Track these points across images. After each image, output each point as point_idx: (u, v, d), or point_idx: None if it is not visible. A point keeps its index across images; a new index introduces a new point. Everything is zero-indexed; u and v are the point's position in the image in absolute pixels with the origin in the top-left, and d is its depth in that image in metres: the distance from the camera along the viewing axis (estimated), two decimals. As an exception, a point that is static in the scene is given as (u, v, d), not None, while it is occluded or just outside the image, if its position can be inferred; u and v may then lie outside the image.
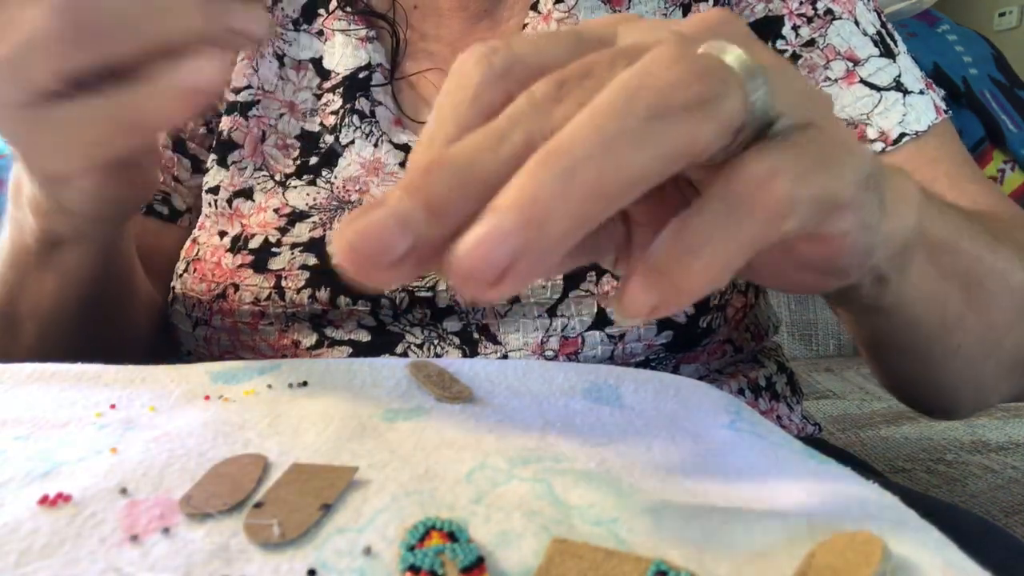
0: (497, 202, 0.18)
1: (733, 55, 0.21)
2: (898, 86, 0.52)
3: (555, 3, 0.54)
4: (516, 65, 0.22)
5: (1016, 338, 0.43)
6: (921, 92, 0.52)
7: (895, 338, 0.40)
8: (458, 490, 0.25)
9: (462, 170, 0.20)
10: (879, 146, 0.50)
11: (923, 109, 0.51)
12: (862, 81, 0.51)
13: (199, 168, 0.59)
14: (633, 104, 0.19)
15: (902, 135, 0.50)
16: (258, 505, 0.24)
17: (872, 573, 0.20)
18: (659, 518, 0.23)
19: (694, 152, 0.20)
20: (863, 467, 0.50)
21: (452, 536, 0.22)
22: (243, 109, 0.56)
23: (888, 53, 0.53)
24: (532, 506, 0.24)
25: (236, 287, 0.49)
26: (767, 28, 0.52)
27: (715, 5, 0.53)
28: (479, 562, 0.21)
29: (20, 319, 0.47)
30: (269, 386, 0.35)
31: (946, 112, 0.53)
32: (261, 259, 0.49)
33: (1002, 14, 2.22)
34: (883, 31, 0.54)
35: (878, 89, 0.51)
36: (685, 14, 0.53)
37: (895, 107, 0.51)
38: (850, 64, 0.52)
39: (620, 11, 0.54)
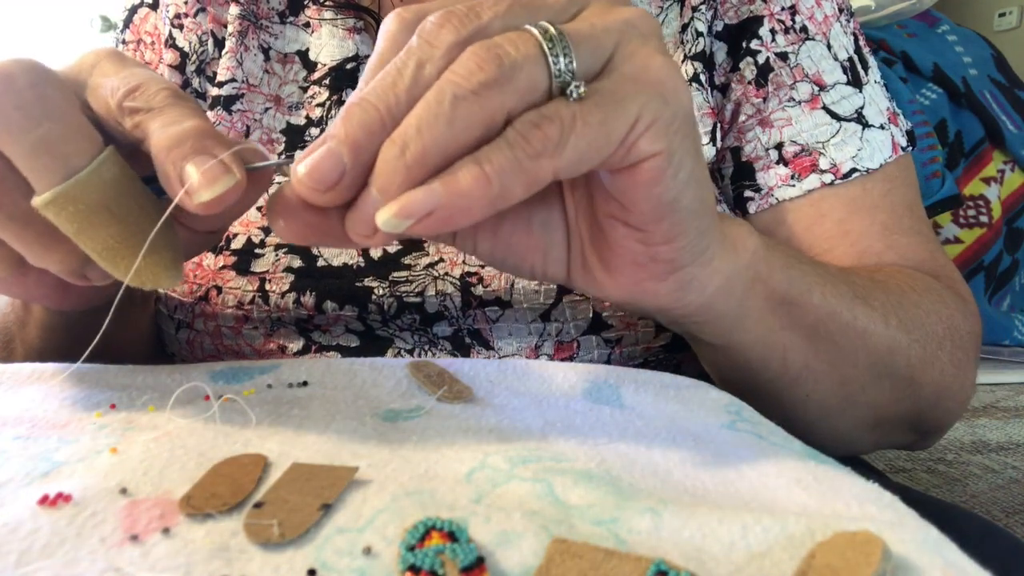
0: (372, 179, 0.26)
1: (540, 29, 0.26)
2: (859, 118, 0.51)
3: None
4: (423, 15, 0.27)
5: (872, 397, 0.43)
6: (882, 127, 0.52)
7: (738, 376, 0.41)
8: (458, 490, 0.25)
9: (370, 111, 0.26)
10: (829, 178, 0.50)
11: (879, 145, 0.51)
12: (824, 108, 0.51)
13: None
14: (441, 94, 0.25)
15: (853, 170, 0.50)
16: (258, 505, 0.23)
17: (872, 573, 0.20)
18: (659, 518, 0.23)
19: (495, 120, 0.26)
20: (863, 467, 0.50)
21: (452, 536, 0.22)
22: (226, 103, 0.54)
23: (855, 82, 0.52)
24: (532, 506, 0.24)
25: (219, 289, 0.48)
26: (748, 28, 0.52)
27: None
28: (479, 562, 0.21)
29: (15, 350, 0.48)
30: (269, 386, 0.35)
31: (904, 149, 0.52)
32: (244, 260, 0.48)
33: (1002, 14, 2.21)
34: (855, 57, 0.53)
35: (839, 119, 0.51)
36: (682, 7, 0.52)
37: (852, 140, 0.50)
38: (816, 88, 0.51)
39: None
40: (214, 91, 0.55)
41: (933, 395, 0.45)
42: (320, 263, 0.47)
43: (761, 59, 0.51)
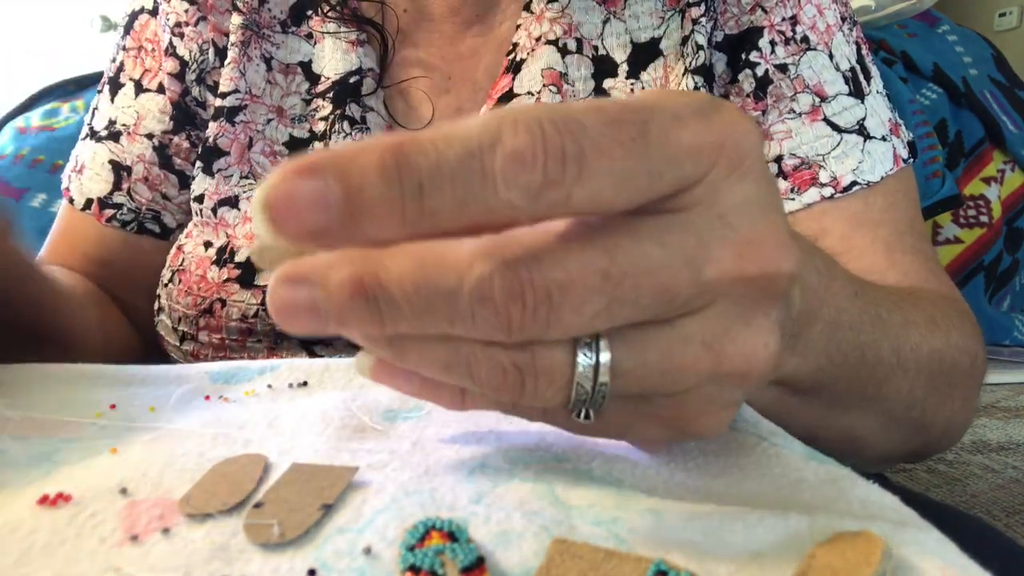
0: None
1: (586, 382, 0.22)
2: (860, 129, 0.51)
3: (548, 2, 0.54)
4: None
5: (882, 447, 0.41)
6: (884, 138, 0.51)
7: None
8: (458, 490, 0.25)
9: (375, 319, 0.20)
10: (829, 191, 0.50)
11: (880, 157, 0.50)
12: (825, 119, 0.51)
13: (186, 184, 0.58)
14: (455, 378, 0.22)
15: (853, 183, 0.49)
16: (258, 505, 0.23)
17: (872, 573, 0.20)
18: (659, 518, 0.23)
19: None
20: (863, 467, 0.50)
21: (452, 536, 0.22)
22: (229, 115, 0.54)
23: (857, 92, 0.52)
24: (532, 506, 0.24)
25: (223, 302, 0.48)
26: (747, 39, 0.52)
27: (705, 9, 0.52)
28: (479, 562, 0.21)
29: None
30: (269, 386, 0.35)
31: (906, 161, 0.52)
32: (248, 273, 0.48)
33: (1002, 14, 2.22)
34: (858, 67, 0.53)
35: (840, 130, 0.50)
36: (683, 18, 0.52)
37: (853, 152, 0.50)
38: (817, 99, 0.51)
39: (614, 11, 0.54)
40: (217, 102, 0.55)
41: (940, 433, 0.44)
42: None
43: (759, 71, 0.51)
